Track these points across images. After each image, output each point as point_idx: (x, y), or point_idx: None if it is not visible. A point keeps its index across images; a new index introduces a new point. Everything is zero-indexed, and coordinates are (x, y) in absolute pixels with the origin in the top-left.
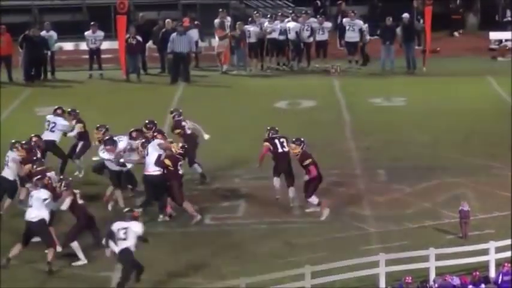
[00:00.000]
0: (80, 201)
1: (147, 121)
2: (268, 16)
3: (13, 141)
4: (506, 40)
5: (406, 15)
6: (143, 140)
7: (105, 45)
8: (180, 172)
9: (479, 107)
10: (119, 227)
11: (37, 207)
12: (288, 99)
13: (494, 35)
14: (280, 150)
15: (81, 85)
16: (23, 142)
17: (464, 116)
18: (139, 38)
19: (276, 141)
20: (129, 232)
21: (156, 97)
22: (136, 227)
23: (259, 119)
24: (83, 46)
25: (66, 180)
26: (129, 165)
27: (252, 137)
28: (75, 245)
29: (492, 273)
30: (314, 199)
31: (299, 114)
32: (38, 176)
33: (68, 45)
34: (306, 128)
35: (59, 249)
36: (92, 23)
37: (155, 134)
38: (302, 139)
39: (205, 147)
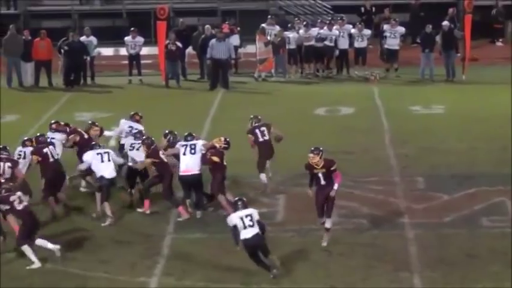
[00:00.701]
0: (20, 206)
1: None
2: (304, 23)
3: (25, 138)
4: None
5: (446, 23)
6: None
7: (145, 50)
8: (225, 163)
9: None
10: (241, 215)
11: None
12: (327, 105)
13: None
14: (260, 139)
15: (121, 90)
16: (37, 135)
17: (502, 124)
18: (179, 43)
19: (257, 130)
20: (253, 218)
21: (195, 103)
22: (256, 214)
23: (298, 126)
24: (123, 51)
25: (6, 184)
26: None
27: (290, 143)
28: (25, 248)
29: None
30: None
31: (338, 120)
32: None
33: (108, 51)
34: (345, 135)
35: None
36: (132, 28)
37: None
38: (321, 148)
39: (242, 153)
